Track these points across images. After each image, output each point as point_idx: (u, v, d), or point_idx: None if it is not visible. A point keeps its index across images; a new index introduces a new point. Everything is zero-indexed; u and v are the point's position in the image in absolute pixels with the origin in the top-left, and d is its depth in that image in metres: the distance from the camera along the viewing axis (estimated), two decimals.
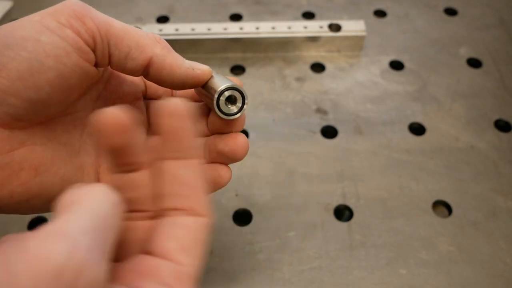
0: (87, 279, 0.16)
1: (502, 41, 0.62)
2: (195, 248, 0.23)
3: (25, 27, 0.23)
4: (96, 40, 0.24)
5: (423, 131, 0.53)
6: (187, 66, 0.27)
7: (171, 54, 0.26)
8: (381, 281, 0.42)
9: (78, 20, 0.24)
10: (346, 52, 0.61)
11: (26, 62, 0.22)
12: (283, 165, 0.50)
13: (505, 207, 0.46)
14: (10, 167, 0.24)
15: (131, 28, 0.26)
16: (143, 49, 0.25)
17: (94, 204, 0.18)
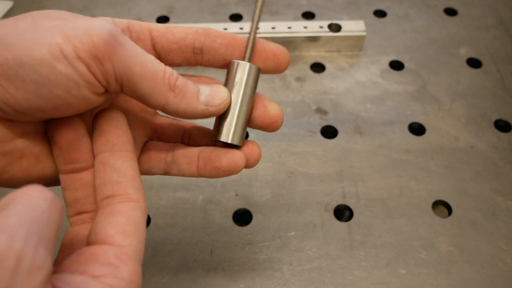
0: (27, 265, 0.17)
1: (502, 41, 0.62)
2: (133, 230, 0.24)
3: (43, 46, 0.22)
4: (110, 82, 0.24)
5: (423, 131, 0.53)
6: (201, 108, 0.27)
7: (184, 100, 0.26)
8: (381, 281, 0.42)
9: (97, 60, 0.23)
10: (346, 52, 0.61)
11: (35, 85, 0.22)
12: (283, 165, 0.50)
13: (505, 207, 0.46)
14: (12, 154, 0.25)
15: (151, 71, 0.25)
16: (156, 97, 0.25)
17: (29, 201, 0.19)
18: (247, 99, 0.29)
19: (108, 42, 0.23)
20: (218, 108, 0.28)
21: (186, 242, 0.44)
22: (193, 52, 0.30)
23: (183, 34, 0.29)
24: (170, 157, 0.31)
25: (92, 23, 0.23)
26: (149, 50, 0.29)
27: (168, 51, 0.30)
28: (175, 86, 0.26)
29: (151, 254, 0.44)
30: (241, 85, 0.29)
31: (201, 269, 0.43)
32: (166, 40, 0.29)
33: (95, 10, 0.67)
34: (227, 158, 0.29)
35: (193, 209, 0.47)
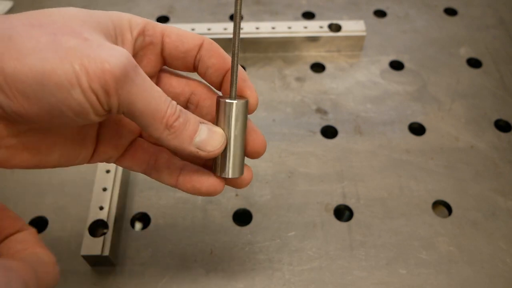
0: None
1: (502, 41, 0.62)
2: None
3: (62, 71, 0.23)
4: (112, 111, 0.26)
5: (423, 131, 0.53)
6: (192, 150, 0.28)
7: (177, 139, 0.28)
8: (381, 281, 0.42)
9: (105, 93, 0.24)
10: (346, 52, 0.61)
11: (49, 106, 0.24)
12: (283, 165, 0.50)
13: (505, 207, 0.46)
14: (15, 148, 0.27)
15: (151, 110, 0.26)
16: (151, 131, 0.27)
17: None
18: (240, 134, 0.30)
19: (119, 79, 0.24)
20: (208, 154, 0.29)
21: (186, 242, 0.44)
22: (193, 63, 0.31)
23: (191, 45, 0.31)
24: (152, 162, 0.32)
25: (110, 54, 0.24)
26: (158, 54, 0.31)
27: (174, 59, 0.31)
28: (172, 126, 0.27)
29: (151, 254, 0.44)
30: (232, 123, 0.30)
31: (201, 269, 0.43)
32: (175, 49, 0.30)
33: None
34: (208, 183, 0.31)
35: (193, 209, 0.47)
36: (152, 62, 0.31)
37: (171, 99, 0.27)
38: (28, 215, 0.46)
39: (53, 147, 0.29)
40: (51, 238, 0.45)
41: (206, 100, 0.33)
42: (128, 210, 0.47)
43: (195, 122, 0.28)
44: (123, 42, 0.29)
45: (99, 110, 0.25)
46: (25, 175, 0.49)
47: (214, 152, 0.29)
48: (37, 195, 0.48)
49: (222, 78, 0.31)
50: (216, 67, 0.31)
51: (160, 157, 0.32)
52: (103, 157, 0.32)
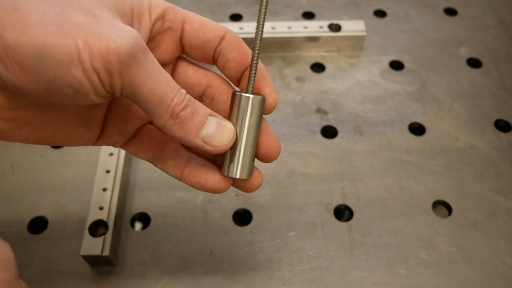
0: None
1: (502, 41, 0.62)
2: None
3: (63, 46, 0.22)
4: (116, 93, 0.25)
5: (423, 131, 0.53)
6: (198, 143, 0.27)
7: (182, 130, 0.26)
8: (381, 281, 0.42)
9: (108, 73, 0.23)
10: (346, 52, 0.61)
11: (47, 81, 0.23)
12: (283, 165, 0.50)
13: (505, 207, 0.46)
14: (15, 121, 0.26)
15: (157, 96, 0.25)
16: (155, 118, 0.26)
17: None
18: (253, 132, 0.29)
19: (123, 60, 0.23)
20: (215, 150, 0.28)
21: (186, 242, 0.44)
22: (213, 54, 0.30)
23: (213, 36, 0.29)
24: (159, 151, 0.31)
25: (117, 34, 0.23)
26: (176, 41, 0.30)
27: (194, 48, 0.30)
28: (178, 116, 0.26)
29: (151, 254, 0.44)
30: (245, 119, 0.28)
31: (201, 269, 0.43)
32: (195, 37, 0.29)
33: None
34: (214, 180, 0.30)
35: (193, 209, 0.47)
36: (169, 48, 0.30)
37: (180, 88, 0.26)
38: (28, 215, 0.46)
39: (56, 125, 0.28)
40: (51, 238, 0.45)
41: (222, 94, 0.31)
42: (128, 210, 0.47)
43: (204, 114, 0.27)
44: (139, 24, 0.27)
45: (101, 91, 0.24)
46: (25, 175, 0.49)
47: (221, 147, 0.28)
48: (37, 195, 0.48)
49: (242, 73, 0.30)
50: (237, 61, 0.29)
51: (167, 146, 0.31)
52: (109, 141, 0.31)
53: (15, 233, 0.45)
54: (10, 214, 0.46)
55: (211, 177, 0.30)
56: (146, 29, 0.28)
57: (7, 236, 0.45)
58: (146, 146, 0.31)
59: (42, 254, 0.44)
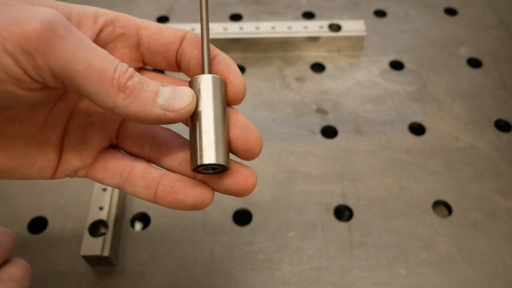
0: None
1: (502, 41, 0.62)
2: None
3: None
4: (46, 79, 0.22)
5: (423, 131, 0.53)
6: (158, 113, 0.23)
7: (136, 103, 0.23)
8: (381, 281, 0.42)
9: (27, 54, 0.20)
10: (346, 52, 0.61)
11: None
12: (283, 165, 0.50)
13: (505, 207, 0.46)
14: None
15: (96, 69, 0.22)
16: (102, 98, 0.22)
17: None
18: (220, 112, 0.25)
19: (43, 34, 0.20)
20: (179, 114, 0.24)
21: (186, 242, 0.44)
22: (176, 57, 0.27)
23: (172, 37, 0.27)
24: (126, 173, 0.28)
25: (31, 12, 0.21)
26: (132, 48, 0.27)
27: (154, 54, 0.27)
28: (126, 86, 0.22)
29: (151, 254, 0.44)
30: (209, 98, 0.25)
31: (201, 269, 0.43)
32: (154, 41, 0.27)
33: None
34: (194, 193, 0.26)
35: None
36: (125, 57, 0.27)
37: (120, 61, 0.23)
38: (28, 215, 0.46)
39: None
40: (51, 238, 0.45)
41: None
42: (128, 210, 0.47)
43: (154, 83, 0.24)
44: (79, 26, 0.24)
45: (23, 79, 0.21)
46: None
47: (185, 109, 0.24)
48: (37, 195, 0.48)
49: None
50: (199, 58, 0.27)
51: (136, 167, 0.28)
52: (70, 168, 0.29)
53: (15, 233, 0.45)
54: (10, 214, 0.46)
55: (190, 191, 0.26)
56: (90, 34, 0.25)
57: None
58: (112, 169, 0.28)
59: (42, 254, 0.44)
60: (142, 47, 0.27)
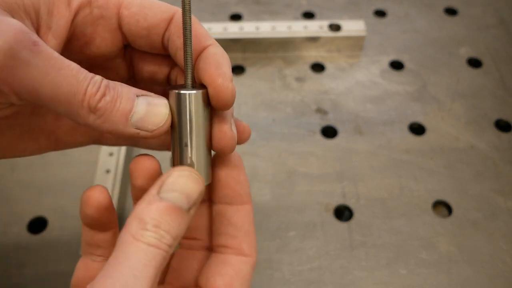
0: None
1: (502, 41, 0.62)
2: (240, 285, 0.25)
3: None
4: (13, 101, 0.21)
5: (423, 131, 0.53)
6: (131, 132, 0.22)
7: (108, 123, 0.22)
8: (381, 281, 0.42)
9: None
10: (346, 52, 0.61)
11: None
12: (283, 165, 0.50)
13: (505, 207, 0.46)
14: None
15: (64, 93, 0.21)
16: (74, 118, 0.22)
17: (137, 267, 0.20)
18: (201, 129, 0.24)
19: (4, 64, 0.19)
20: (153, 134, 0.23)
21: None
22: (162, 42, 0.25)
23: (157, 19, 0.24)
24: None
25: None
26: (114, 30, 0.25)
27: (137, 37, 0.25)
28: (97, 108, 0.21)
29: None
30: (188, 116, 0.23)
31: None
32: (135, 24, 0.24)
33: None
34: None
35: None
36: (107, 41, 0.25)
37: (93, 75, 0.21)
38: (28, 215, 0.46)
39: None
40: (51, 238, 0.45)
41: None
42: (128, 210, 0.47)
43: (129, 97, 0.22)
44: (52, 16, 0.22)
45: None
46: (25, 175, 0.49)
47: (159, 130, 0.23)
48: (37, 195, 0.48)
49: (196, 60, 0.25)
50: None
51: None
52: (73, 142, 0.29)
53: (15, 233, 0.45)
54: (10, 214, 0.46)
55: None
56: (64, 21, 0.23)
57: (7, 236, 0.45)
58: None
59: (42, 254, 0.44)
60: (123, 27, 0.25)
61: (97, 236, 0.25)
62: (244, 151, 0.51)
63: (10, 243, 0.45)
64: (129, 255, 0.19)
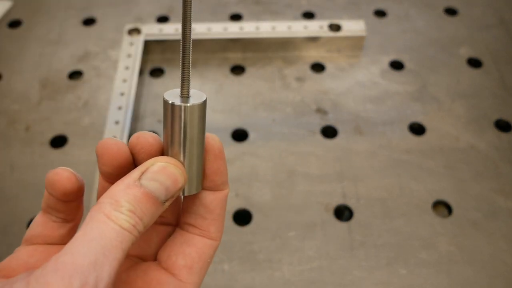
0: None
1: (502, 41, 0.62)
2: (199, 268, 0.25)
3: None
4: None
5: (423, 131, 0.53)
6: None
7: None
8: (381, 281, 0.42)
9: None
10: (346, 52, 0.61)
11: None
12: (283, 165, 0.50)
13: (505, 207, 0.46)
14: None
15: None
16: None
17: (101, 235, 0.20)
18: (196, 144, 0.24)
19: None
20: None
21: None
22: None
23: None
24: None
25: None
26: None
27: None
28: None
29: None
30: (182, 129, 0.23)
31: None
32: None
33: (95, 10, 0.67)
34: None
35: None
36: None
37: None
38: (28, 215, 0.46)
39: None
40: None
41: None
42: None
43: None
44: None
45: None
46: (25, 175, 0.49)
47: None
48: (37, 195, 0.48)
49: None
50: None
51: None
52: None
53: (15, 233, 0.45)
54: (10, 214, 0.46)
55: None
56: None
57: (7, 236, 0.45)
58: None
59: None
60: None
61: (60, 203, 0.25)
62: (244, 151, 0.51)
63: (10, 243, 0.45)
64: (100, 234, 0.20)
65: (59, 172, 0.24)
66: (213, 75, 0.59)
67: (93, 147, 0.51)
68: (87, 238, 0.19)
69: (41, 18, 0.66)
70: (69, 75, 0.59)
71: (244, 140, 0.52)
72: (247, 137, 0.52)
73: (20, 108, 0.56)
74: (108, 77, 0.58)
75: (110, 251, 0.19)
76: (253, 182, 0.48)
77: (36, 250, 0.24)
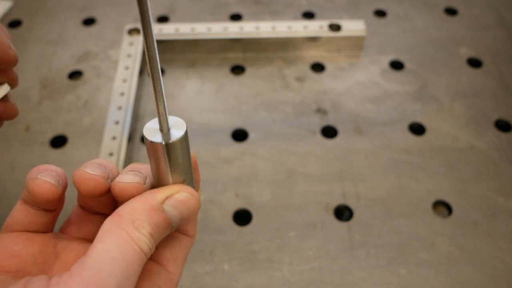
0: None
1: (502, 41, 0.62)
2: (181, 261, 0.27)
3: None
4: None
5: (423, 131, 0.53)
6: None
7: None
8: (381, 281, 0.42)
9: None
10: (346, 52, 0.61)
11: None
12: (283, 165, 0.50)
13: (505, 207, 0.46)
14: None
15: None
16: None
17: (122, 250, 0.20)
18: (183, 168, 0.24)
19: None
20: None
21: None
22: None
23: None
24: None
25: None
26: None
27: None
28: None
29: None
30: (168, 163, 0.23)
31: (201, 269, 0.43)
32: None
33: (95, 10, 0.67)
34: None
35: None
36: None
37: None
38: None
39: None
40: None
41: None
42: None
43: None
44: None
45: None
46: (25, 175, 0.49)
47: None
48: None
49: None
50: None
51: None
52: None
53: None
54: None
55: None
56: None
57: None
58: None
59: None
60: None
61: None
62: (244, 151, 0.51)
63: None
64: (123, 254, 0.20)
65: (39, 184, 0.25)
66: (213, 75, 0.59)
67: (93, 147, 0.51)
68: (110, 256, 0.20)
69: (41, 18, 0.66)
70: (69, 75, 0.59)
71: (244, 140, 0.52)
72: (247, 137, 0.52)
73: (20, 108, 0.55)
74: (108, 77, 0.58)
75: (131, 275, 0.20)
76: (253, 182, 0.48)
77: (19, 237, 0.25)
